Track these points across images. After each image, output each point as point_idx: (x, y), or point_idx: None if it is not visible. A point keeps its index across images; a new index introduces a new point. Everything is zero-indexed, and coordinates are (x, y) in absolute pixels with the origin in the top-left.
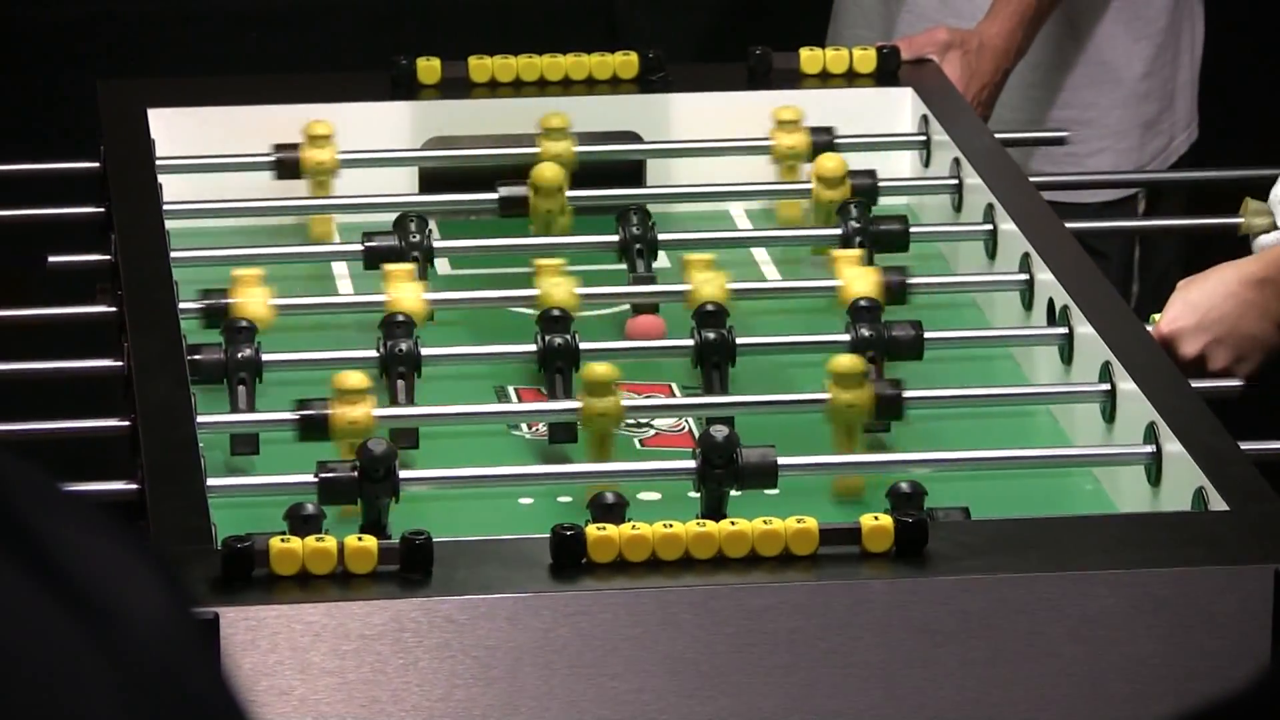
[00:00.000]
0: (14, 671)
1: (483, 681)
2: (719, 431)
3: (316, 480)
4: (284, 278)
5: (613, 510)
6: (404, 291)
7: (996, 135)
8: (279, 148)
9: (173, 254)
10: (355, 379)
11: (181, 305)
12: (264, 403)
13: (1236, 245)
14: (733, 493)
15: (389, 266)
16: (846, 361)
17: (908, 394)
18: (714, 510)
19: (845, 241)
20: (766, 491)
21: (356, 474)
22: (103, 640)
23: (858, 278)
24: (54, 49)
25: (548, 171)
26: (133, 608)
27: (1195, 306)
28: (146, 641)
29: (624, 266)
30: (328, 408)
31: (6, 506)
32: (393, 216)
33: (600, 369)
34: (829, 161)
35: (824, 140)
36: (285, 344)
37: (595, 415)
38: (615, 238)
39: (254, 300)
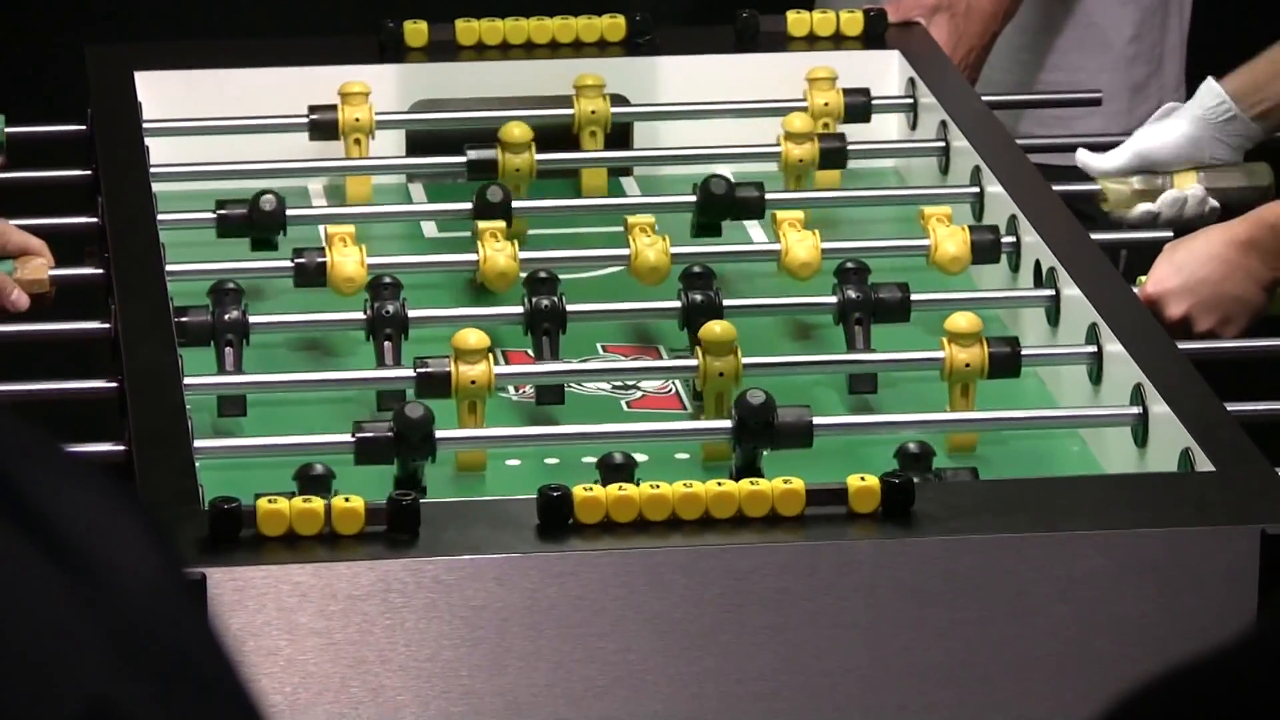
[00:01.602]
0: None
1: (470, 642)
2: (755, 397)
3: (353, 440)
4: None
5: (621, 470)
6: (495, 250)
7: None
8: (314, 109)
9: (160, 217)
10: (475, 338)
11: (168, 268)
12: (251, 364)
13: (1222, 209)
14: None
15: (483, 224)
16: (963, 321)
17: (871, 357)
18: (748, 470)
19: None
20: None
21: (393, 435)
22: (89, 594)
23: (948, 237)
24: (41, 12)
25: (516, 130)
26: (120, 563)
27: (1181, 268)
28: (134, 596)
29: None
30: (446, 365)
31: None
32: (380, 179)
33: (718, 328)
34: (797, 120)
35: (859, 101)
36: (275, 306)
37: (714, 375)
38: (620, 199)
39: (350, 259)
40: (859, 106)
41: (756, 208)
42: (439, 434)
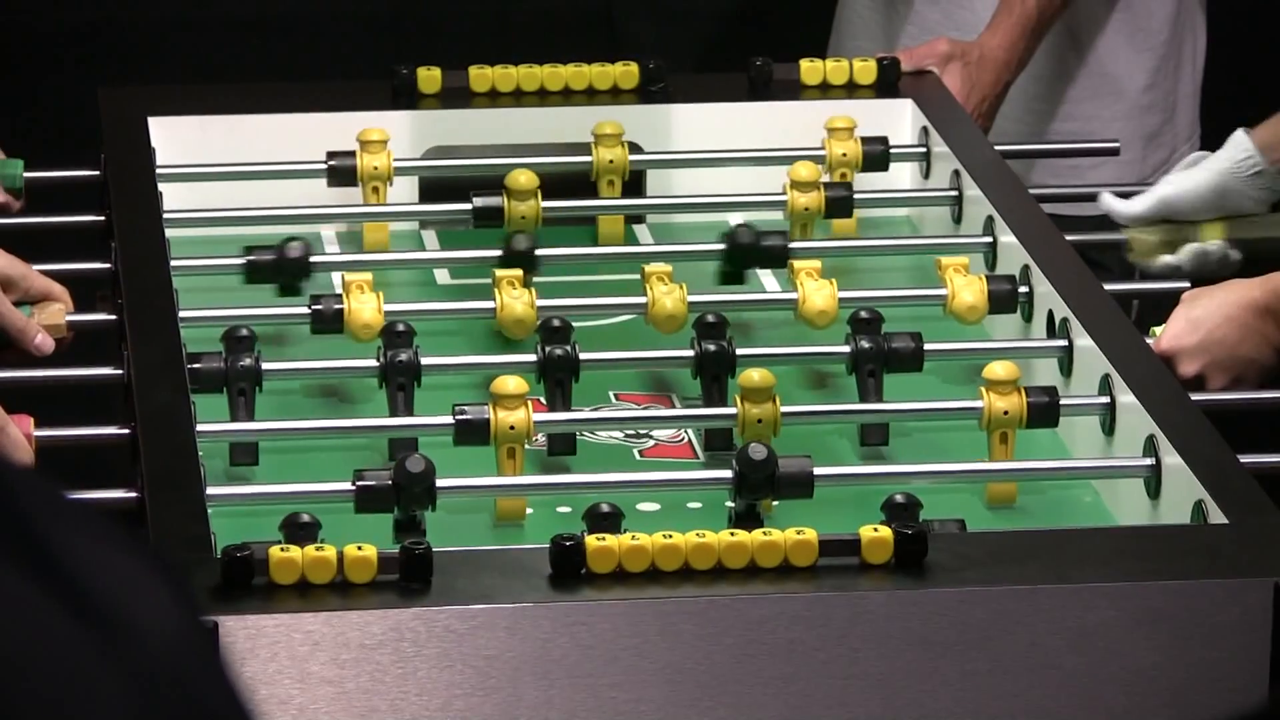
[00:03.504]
0: (24, 681)
1: (482, 691)
2: (757, 451)
3: (354, 489)
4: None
5: (608, 519)
6: (513, 297)
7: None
8: (332, 155)
9: (173, 262)
10: (514, 384)
11: (181, 313)
12: (264, 411)
13: (1246, 260)
14: (727, 503)
15: (500, 272)
16: (1001, 369)
17: (909, 406)
18: (749, 520)
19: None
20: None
21: (392, 484)
22: (113, 651)
23: (965, 286)
24: (55, 56)
25: (522, 177)
26: (143, 618)
27: (1197, 326)
28: (157, 652)
29: (637, 277)
30: (485, 412)
31: (17, 516)
32: (391, 226)
33: (757, 375)
34: (803, 169)
35: (877, 150)
36: (289, 352)
37: (753, 422)
38: (637, 247)
39: (367, 306)
40: (877, 155)
41: (781, 256)
42: (448, 482)
